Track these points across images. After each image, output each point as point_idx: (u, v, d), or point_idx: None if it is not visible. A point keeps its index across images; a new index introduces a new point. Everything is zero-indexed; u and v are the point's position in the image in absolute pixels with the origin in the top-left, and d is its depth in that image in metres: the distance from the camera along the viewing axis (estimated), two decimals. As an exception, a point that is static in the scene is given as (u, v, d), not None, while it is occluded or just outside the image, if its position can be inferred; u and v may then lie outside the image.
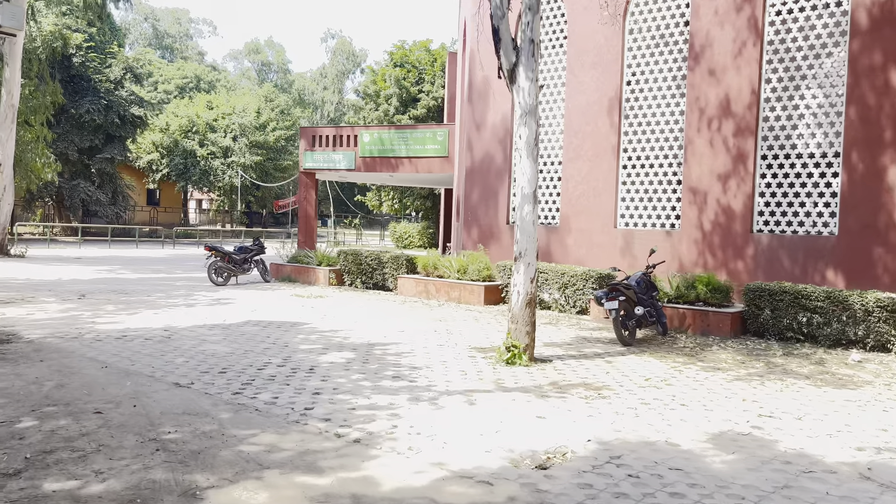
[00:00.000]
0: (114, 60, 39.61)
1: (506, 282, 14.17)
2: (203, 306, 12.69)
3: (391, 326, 10.85)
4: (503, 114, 17.69)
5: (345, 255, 16.77)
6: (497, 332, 10.53)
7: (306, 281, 17.35)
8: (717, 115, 14.16)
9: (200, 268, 21.56)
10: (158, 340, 9.13)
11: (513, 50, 8.07)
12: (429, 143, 23.14)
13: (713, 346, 9.88)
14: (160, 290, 15.00)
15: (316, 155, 25.28)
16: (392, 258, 15.87)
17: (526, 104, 8.02)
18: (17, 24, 8.72)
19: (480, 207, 18.21)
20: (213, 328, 10.24)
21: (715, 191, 14.18)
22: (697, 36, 14.44)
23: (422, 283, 14.92)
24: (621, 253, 15.40)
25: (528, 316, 8.12)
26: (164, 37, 66.74)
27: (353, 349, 8.86)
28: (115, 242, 35.31)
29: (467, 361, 8.24)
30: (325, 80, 67.98)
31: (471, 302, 13.95)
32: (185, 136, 49.94)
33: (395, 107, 36.95)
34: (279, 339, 9.43)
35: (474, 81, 18.39)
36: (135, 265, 22.37)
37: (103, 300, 13.11)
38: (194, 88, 59.55)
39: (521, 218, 8.10)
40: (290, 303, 13.50)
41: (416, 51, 38.87)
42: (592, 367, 8.11)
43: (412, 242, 38.54)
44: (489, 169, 18.01)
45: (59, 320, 10.62)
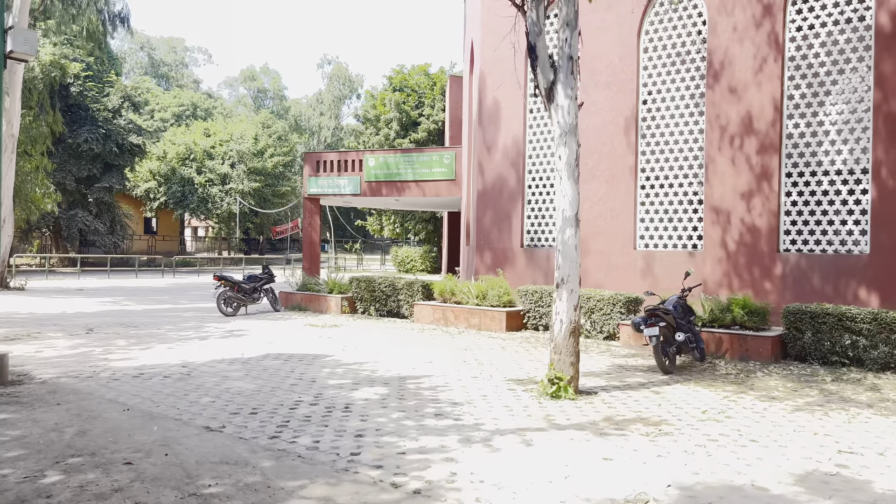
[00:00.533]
0: (112, 89, 39.37)
1: (528, 307, 13.75)
2: (217, 339, 12.22)
3: (417, 357, 10.40)
4: (514, 136, 17.40)
5: (357, 283, 16.33)
6: (528, 362, 10.09)
7: (317, 309, 16.89)
8: (739, 132, 13.87)
9: (205, 297, 21.11)
10: (178, 378, 8.66)
11: (550, 67, 7.74)
12: (435, 167, 22.83)
13: (757, 373, 9.46)
14: (169, 323, 14.52)
15: (320, 180, 24.93)
16: (406, 284, 15.44)
17: (565, 123, 7.66)
18: (30, 49, 8.36)
19: (493, 231, 17.84)
20: (233, 363, 9.77)
21: (739, 210, 13.85)
22: (716, 53, 14.19)
23: (439, 310, 14.48)
24: (642, 275, 15.02)
25: (572, 346, 7.70)
26: (161, 65, 66.66)
27: (384, 383, 8.41)
28: (114, 272, 34.79)
29: (508, 395, 7.80)
30: (322, 106, 67.88)
31: (492, 329, 13.51)
32: (182, 163, 49.61)
33: (395, 130, 36.74)
34: (305, 374, 8.97)
35: (484, 104, 18.12)
36: (138, 296, 21.87)
37: (112, 334, 12.62)
38: (191, 116, 59.31)
39: (562, 242, 7.70)
40: (306, 333, 13.04)
41: (415, 75, 38.79)
42: (642, 399, 7.68)
43: (414, 267, 38.12)
44: (501, 192, 17.67)
45: (70, 357, 10.13)
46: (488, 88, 18.04)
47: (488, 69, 18.05)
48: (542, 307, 13.39)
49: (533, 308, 13.55)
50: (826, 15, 13.10)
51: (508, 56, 17.68)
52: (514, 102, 17.40)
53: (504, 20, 17.75)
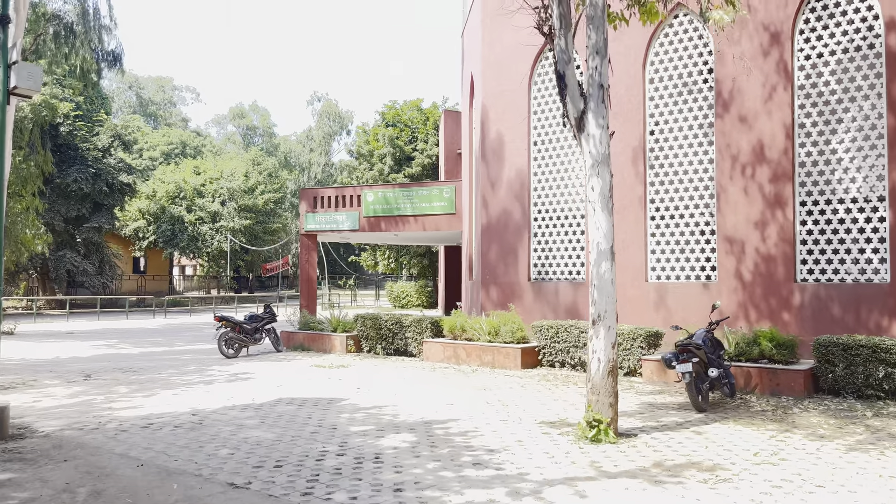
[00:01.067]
0: (101, 129, 39.03)
1: (543, 344, 13.36)
2: (223, 383, 11.72)
3: (436, 399, 9.96)
4: (519, 169, 17.17)
5: (362, 320, 15.89)
6: (553, 402, 9.68)
7: (321, 349, 16.40)
8: (751, 161, 13.70)
9: (201, 338, 20.55)
10: (190, 428, 8.17)
11: (580, 96, 7.48)
12: (435, 201, 22.57)
13: (793, 409, 9.10)
14: (170, 366, 13.99)
15: (318, 216, 24.58)
16: (414, 321, 15.02)
17: (597, 153, 7.39)
18: (34, 84, 8.03)
19: (499, 266, 17.51)
20: (246, 409, 9.29)
21: (753, 240, 13.62)
22: (724, 82, 14.09)
23: (450, 348, 14.05)
24: (655, 308, 14.70)
25: (610, 386, 7.32)
26: (149, 104, 66.49)
27: (409, 429, 7.96)
28: (104, 314, 34.08)
29: (545, 440, 7.38)
30: (312, 143, 67.78)
31: (506, 366, 13.10)
32: (172, 202, 49.12)
33: (389, 166, 36.58)
34: (323, 421, 8.50)
35: (487, 137, 17.93)
36: (132, 338, 21.27)
37: (112, 381, 12.09)
38: (180, 154, 58.98)
39: (598, 276, 7.37)
40: (314, 375, 12.56)
41: (408, 110, 38.79)
42: (685, 441, 7.28)
43: (410, 302, 37.67)
44: (507, 226, 17.39)
45: (71, 407, 9.61)
46: (491, 121, 17.86)
47: (490, 102, 17.90)
48: (559, 343, 13.00)
49: (548, 344, 13.16)
50: (835, 43, 13.04)
51: (510, 89, 17.57)
52: (518, 135, 17.22)
53: (506, 53, 17.70)
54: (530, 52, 17.06)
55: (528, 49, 17.13)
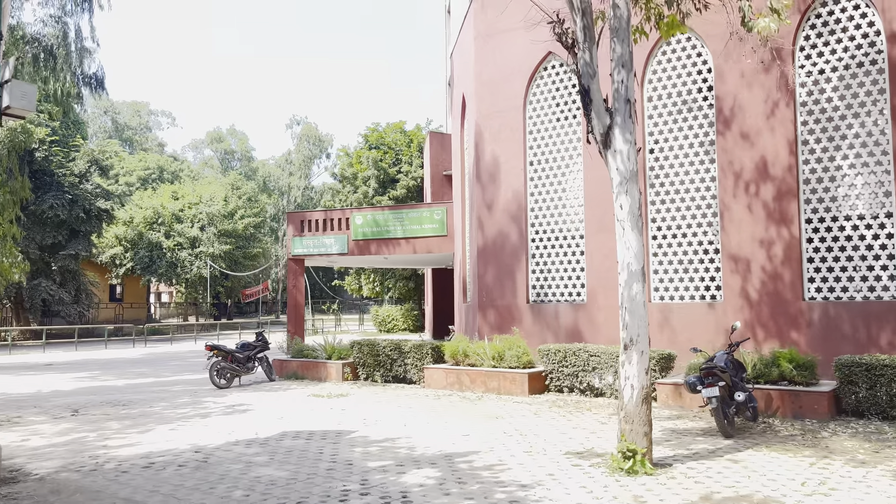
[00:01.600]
0: (77, 154, 38.24)
1: (550, 368, 12.98)
2: (220, 416, 11.17)
3: (449, 429, 9.52)
4: (515, 190, 16.90)
5: (359, 347, 15.40)
6: (573, 430, 9.29)
7: (316, 377, 15.87)
8: (754, 179, 13.55)
9: (188, 368, 19.88)
10: (195, 467, 7.65)
11: (605, 112, 7.20)
12: (426, 223, 22.23)
13: (821, 433, 8.81)
14: (160, 399, 13.38)
15: (305, 240, 24.09)
16: (414, 347, 14.58)
17: (625, 169, 7.09)
18: (27, 104, 7.59)
19: (496, 289, 17.16)
20: (251, 445, 8.78)
21: (759, 258, 13.43)
22: (725, 99, 13.97)
23: (453, 374, 13.62)
24: (658, 328, 14.41)
25: (645, 414, 6.96)
26: (125, 129, 65.57)
27: (430, 464, 7.52)
28: (81, 343, 33.08)
29: (577, 473, 6.98)
30: (291, 166, 67.23)
31: (513, 392, 12.69)
32: (150, 227, 48.21)
33: (373, 188, 36.22)
34: (337, 456, 8.03)
35: (482, 158, 17.65)
36: (115, 369, 20.52)
37: (102, 416, 11.47)
38: (157, 179, 58.08)
39: (629, 299, 7.04)
40: (314, 405, 12.04)
41: (391, 132, 38.54)
42: (724, 471, 6.93)
43: (396, 326, 37.13)
44: (503, 248, 17.07)
45: (63, 446, 9.02)
46: (485, 142, 17.60)
47: (484, 123, 17.66)
48: (567, 367, 12.63)
49: (556, 369, 12.78)
50: (836, 59, 12.99)
51: (505, 109, 17.36)
52: (514, 155, 16.97)
53: (499, 72, 17.50)
54: (524, 72, 16.88)
55: (522, 68, 16.97)
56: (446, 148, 32.38)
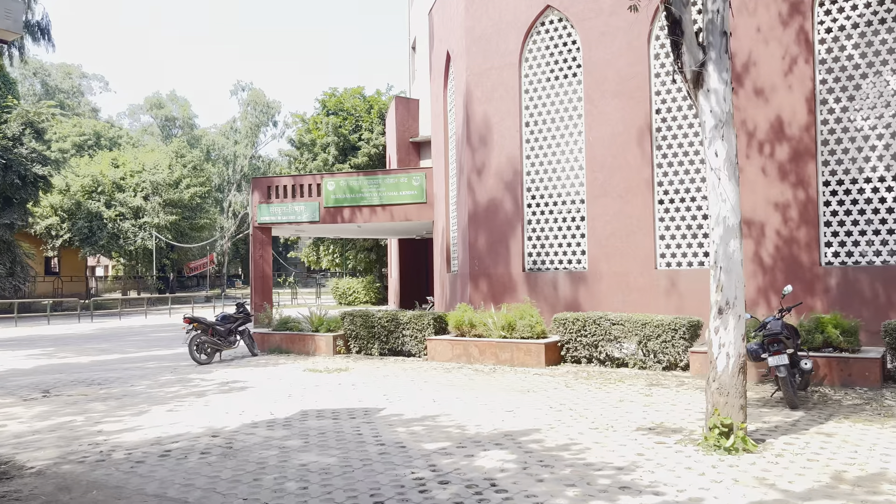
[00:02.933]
0: (10, 115, 35.44)
1: (567, 338, 12.25)
2: (217, 394, 10.05)
3: (487, 405, 8.68)
4: (510, 153, 16.03)
5: (351, 318, 14.37)
6: (620, 402, 8.58)
7: (302, 351, 14.78)
8: (769, 139, 13.03)
9: (152, 343, 18.46)
10: (223, 454, 6.61)
11: (698, 46, 6.37)
12: (404, 189, 21.19)
13: (884, 401, 8.34)
14: (139, 377, 12.12)
15: (273, 207, 22.73)
16: (414, 318, 13.65)
17: (721, 111, 6.30)
18: (13, 25, 6.31)
19: (489, 257, 16.34)
20: (273, 426, 7.76)
21: (773, 222, 12.96)
22: (738, 55, 13.36)
23: (459, 345, 12.77)
24: (665, 295, 13.89)
25: (741, 385, 6.26)
26: (56, 92, 61.54)
27: (496, 445, 6.67)
28: (21, 319, 30.90)
29: (669, 452, 6.24)
30: (237, 135, 64.48)
31: (528, 364, 11.94)
32: (88, 197, 45.41)
33: (333, 155, 34.77)
34: (381, 437, 7.10)
35: (472, 119, 16.70)
36: (69, 345, 18.91)
37: (80, 397, 10.19)
38: (94, 146, 54.81)
39: (725, 257, 6.28)
40: (317, 381, 11.03)
41: (350, 98, 37.00)
42: (826, 446, 6.30)
43: (357, 299, 35.99)
44: (496, 214, 16.23)
45: (49, 432, 7.82)
46: (476, 102, 16.65)
47: (475, 81, 16.68)
48: (586, 337, 11.92)
49: (574, 339, 12.06)
50: (857, 15, 12.50)
51: (498, 66, 16.41)
52: (508, 116, 16.08)
53: (493, 27, 16.50)
54: (520, 26, 15.95)
55: (517, 23, 16.03)
56: (412, 114, 31.19)
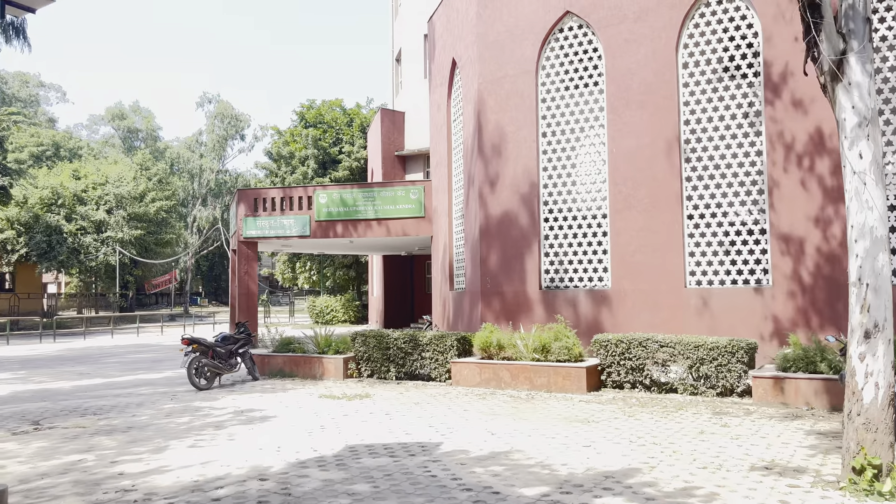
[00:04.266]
0: (-33, 123, 33.51)
1: (608, 362, 11.40)
2: (237, 426, 8.91)
3: (555, 437, 7.76)
4: (526, 164, 15.25)
5: (363, 339, 13.30)
6: (711, 435, 7.74)
7: (308, 374, 13.65)
8: (808, 151, 12.49)
9: (133, 366, 17.02)
10: (283, 503, 5.55)
11: (838, 35, 5.64)
12: (401, 203, 20.23)
13: None
14: (136, 405, 10.87)
15: (260, 221, 21.52)
16: (435, 339, 12.66)
17: (865, 108, 5.55)
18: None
19: (502, 274, 15.47)
20: (325, 466, 6.69)
21: (813, 238, 12.38)
22: (774, 65, 12.84)
23: (488, 369, 11.82)
24: (697, 315, 13.19)
25: (890, 420, 5.48)
26: (13, 101, 58.83)
27: (604, 489, 5.74)
28: (-24, 339, 28.92)
29: (814, 498, 5.40)
30: (203, 147, 62.43)
31: (567, 389, 11.04)
32: (48, 209, 43.23)
33: (313, 169, 33.60)
34: (460, 481, 6.10)
35: (484, 129, 15.89)
36: (41, 368, 17.38)
37: (78, 429, 8.94)
38: (53, 157, 52.44)
39: (873, 273, 5.52)
40: (340, 410, 9.95)
41: (328, 110, 35.94)
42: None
43: (335, 318, 34.68)
44: (510, 229, 15.40)
45: (59, 474, 6.62)
46: (489, 111, 15.85)
47: (488, 89, 15.89)
48: (630, 360, 11.09)
49: (616, 362, 11.22)
50: (904, 23, 12.07)
51: (513, 74, 15.65)
52: (524, 125, 15.32)
53: (507, 33, 15.75)
54: (538, 32, 15.24)
55: (534, 29, 15.32)
56: (398, 126, 30.33)
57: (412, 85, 29.97)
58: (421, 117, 29.39)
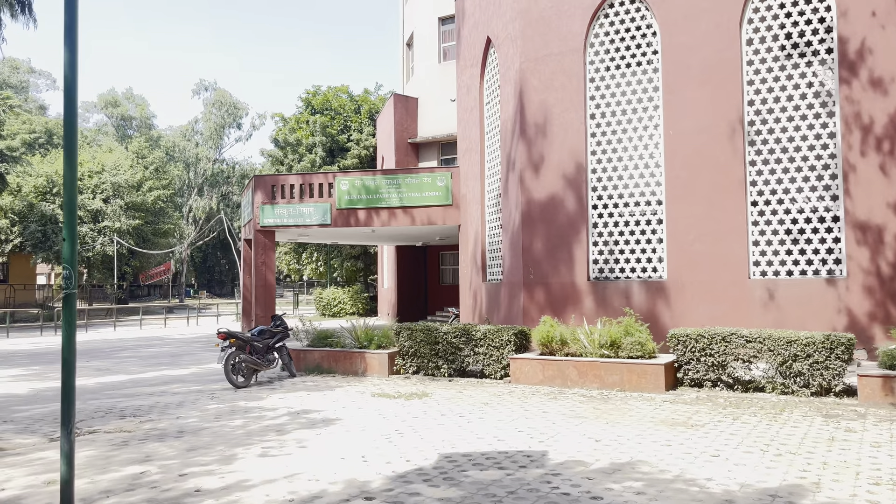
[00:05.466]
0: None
1: (686, 358, 10.58)
2: (301, 430, 8.01)
3: (670, 444, 6.91)
4: (572, 147, 14.39)
5: (409, 333, 12.41)
6: (837, 441, 6.92)
7: (349, 370, 12.75)
8: (889, 134, 11.70)
9: (154, 361, 16.02)
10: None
11: None
12: (427, 190, 19.32)
13: None
14: (177, 405, 9.93)
15: (278, 209, 20.54)
16: (490, 333, 11.79)
17: None
18: None
19: (547, 264, 14.63)
20: (431, 480, 5.79)
21: (893, 227, 11.61)
22: (851, 42, 12.03)
23: (552, 366, 10.97)
24: (762, 308, 12.40)
25: None
26: (3, 87, 57.23)
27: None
28: (-27, 331, 27.77)
29: None
30: (199, 136, 61.01)
31: (643, 388, 10.21)
32: (42, 198, 41.92)
33: (320, 157, 32.55)
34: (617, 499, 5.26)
35: (527, 109, 15.01)
36: (55, 364, 16.33)
37: (123, 433, 8.01)
38: (46, 144, 51.05)
39: None
40: (407, 411, 9.06)
41: (334, 96, 34.85)
42: None
43: (343, 310, 33.72)
44: (555, 216, 14.55)
45: (126, 491, 5.69)
46: (532, 90, 14.97)
47: (531, 67, 15.00)
48: (712, 356, 10.26)
49: (696, 358, 10.38)
50: None
51: (559, 52, 14.76)
52: (571, 106, 14.45)
53: (552, 9, 14.84)
54: (586, 8, 14.35)
55: (582, 4, 14.41)
56: (411, 113, 29.38)
57: (425, 70, 29.01)
58: (435, 104, 28.46)
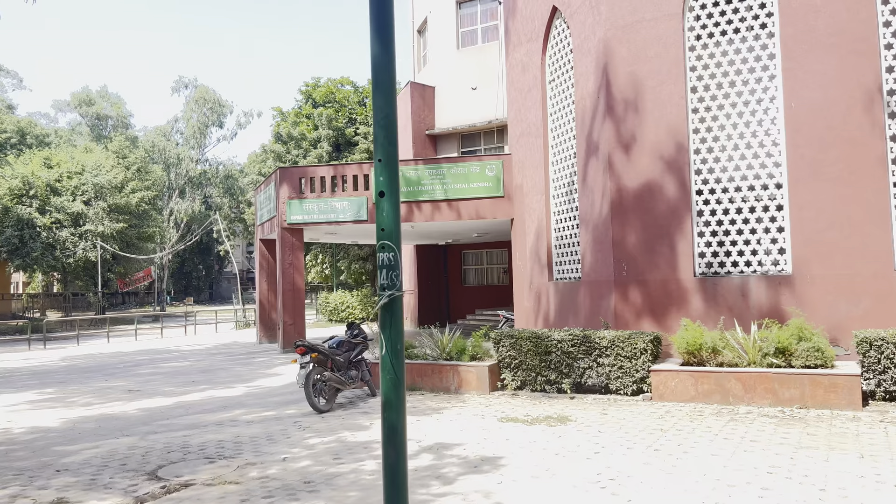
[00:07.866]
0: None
1: (884, 366, 8.80)
2: (468, 475, 6.05)
3: None
4: (671, 124, 12.62)
5: (512, 342, 10.47)
6: None
7: (438, 386, 10.78)
8: None
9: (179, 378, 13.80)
10: None
11: None
12: (475, 181, 17.43)
13: None
14: (269, 440, 7.88)
15: (307, 204, 18.45)
16: (619, 339, 9.90)
17: None
18: None
19: (643, 258, 12.82)
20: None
21: None
22: None
23: (708, 379, 9.12)
24: (910, 304, 10.73)
25: None
26: (-31, 86, 53.99)
27: None
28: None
29: None
30: (179, 136, 58.13)
31: (832, 404, 8.42)
32: (17, 201, 39.02)
33: (327, 151, 30.42)
34: None
35: (613, 83, 13.20)
36: (70, 384, 14.01)
37: (228, 486, 5.98)
38: (19, 144, 47.93)
39: None
40: (561, 444, 7.14)
41: (337, 88, 32.73)
42: None
43: (352, 315, 31.59)
44: (652, 204, 12.76)
45: None
46: (619, 62, 13.17)
47: (618, 37, 13.20)
48: (914, 363, 8.53)
49: (888, 367, 8.61)
50: None
51: (651, 17, 13.00)
52: (668, 79, 12.68)
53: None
54: (685, -33, 12.61)
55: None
56: (428, 103, 27.43)
57: (441, 57, 27.09)
58: (452, 93, 26.59)
